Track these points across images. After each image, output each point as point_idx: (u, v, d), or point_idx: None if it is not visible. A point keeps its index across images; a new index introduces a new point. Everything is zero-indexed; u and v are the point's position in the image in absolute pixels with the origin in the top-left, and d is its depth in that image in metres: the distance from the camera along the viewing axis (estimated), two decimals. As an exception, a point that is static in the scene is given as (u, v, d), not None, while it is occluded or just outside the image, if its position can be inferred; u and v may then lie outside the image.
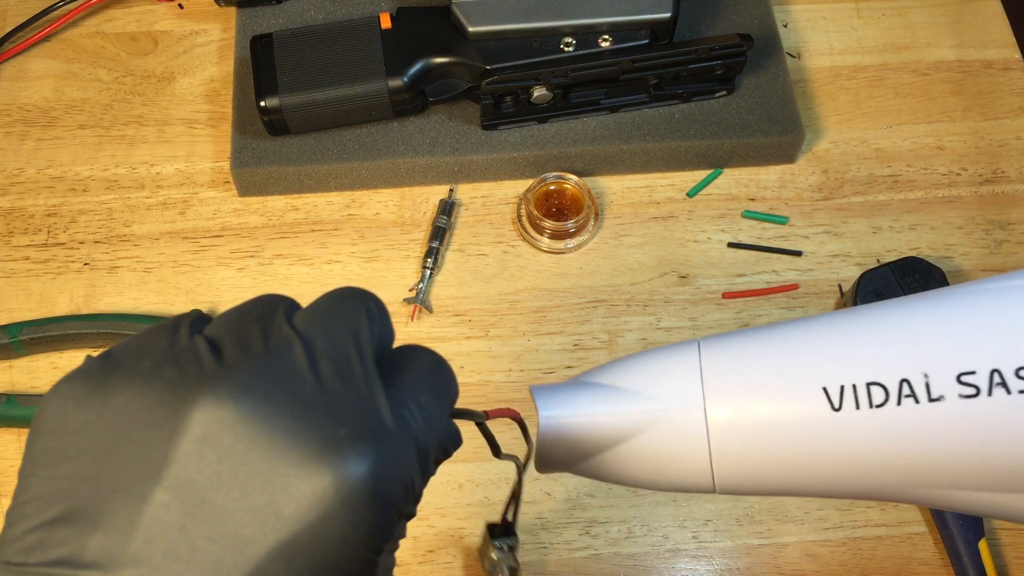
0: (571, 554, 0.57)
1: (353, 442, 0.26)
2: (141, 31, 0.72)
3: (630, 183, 0.68)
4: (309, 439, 0.25)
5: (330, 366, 0.27)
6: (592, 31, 0.63)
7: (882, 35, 0.74)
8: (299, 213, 0.66)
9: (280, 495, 0.25)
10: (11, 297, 0.63)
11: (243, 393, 0.26)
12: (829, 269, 0.65)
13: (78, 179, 0.67)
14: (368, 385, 0.28)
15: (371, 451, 0.26)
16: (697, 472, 0.33)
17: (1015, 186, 0.68)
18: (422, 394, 0.29)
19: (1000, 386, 0.29)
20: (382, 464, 0.26)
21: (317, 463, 0.25)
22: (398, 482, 0.27)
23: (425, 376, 0.30)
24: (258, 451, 0.25)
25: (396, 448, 0.27)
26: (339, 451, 0.25)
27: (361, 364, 0.28)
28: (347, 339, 0.28)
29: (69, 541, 0.25)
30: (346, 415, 0.26)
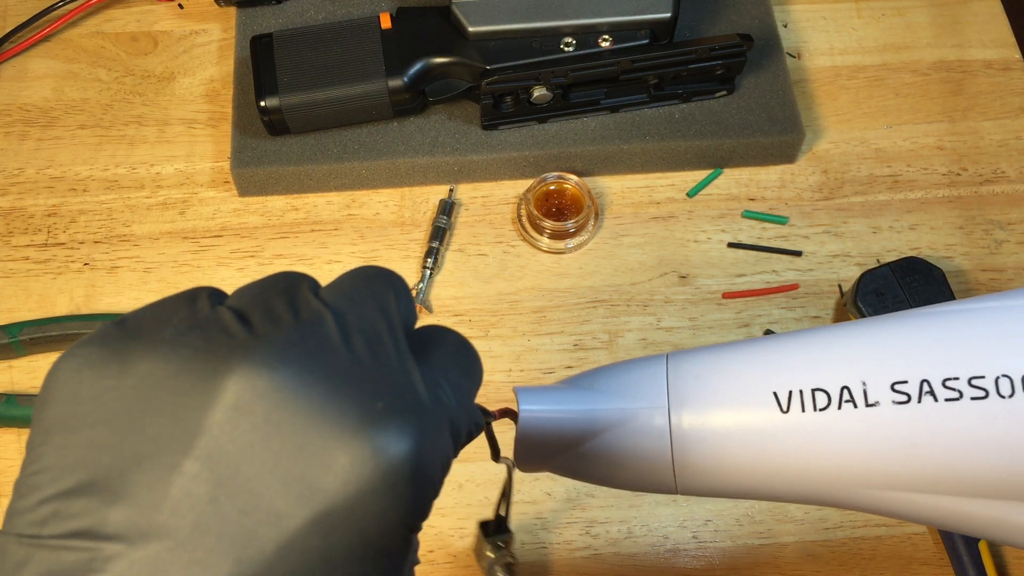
0: (571, 554, 0.57)
1: (393, 416, 0.25)
2: (141, 31, 0.72)
3: (630, 183, 0.68)
4: (348, 411, 0.25)
5: (362, 340, 0.26)
6: (592, 31, 0.63)
7: (882, 35, 0.74)
8: (299, 213, 0.66)
9: (317, 467, 0.24)
10: (11, 297, 0.63)
11: (279, 362, 0.25)
12: (829, 269, 0.65)
13: (78, 179, 0.67)
14: (401, 361, 0.27)
15: (412, 427, 0.25)
16: (660, 471, 0.36)
17: (1015, 186, 0.68)
18: (453, 372, 0.29)
19: (929, 394, 0.33)
20: (422, 441, 0.25)
21: (356, 436, 0.24)
22: (436, 460, 0.26)
23: (454, 355, 0.30)
24: (294, 422, 0.24)
25: (433, 425, 0.26)
26: (379, 425, 0.25)
27: (392, 339, 0.27)
28: (376, 314, 0.27)
29: (89, 512, 0.24)
30: (383, 389, 0.26)
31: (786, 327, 0.63)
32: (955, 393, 0.32)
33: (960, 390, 0.32)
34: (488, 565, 0.50)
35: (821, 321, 0.63)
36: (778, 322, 0.63)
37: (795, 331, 0.38)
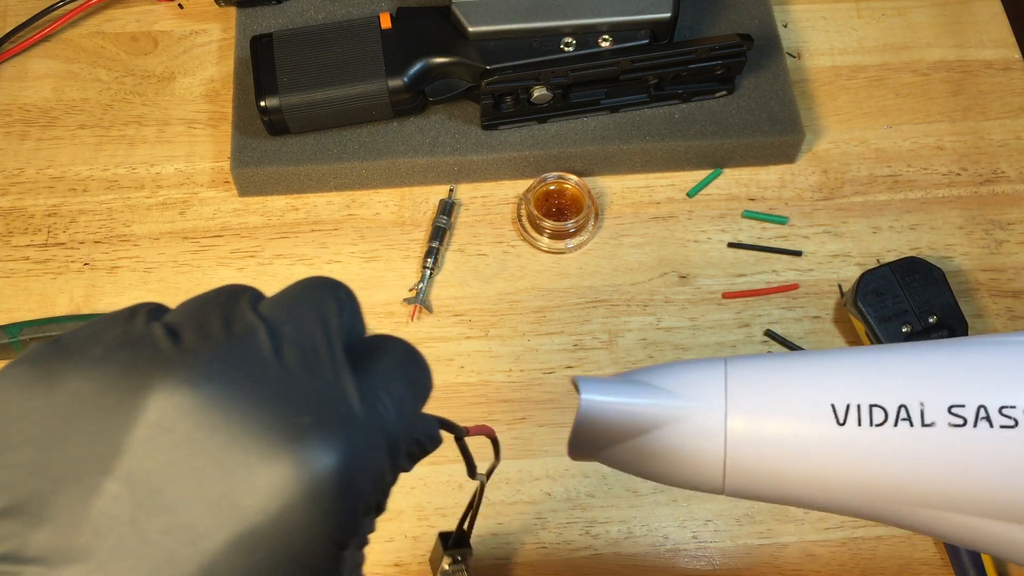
0: (571, 554, 0.57)
1: (318, 430, 0.25)
2: (141, 31, 0.72)
3: (630, 183, 0.68)
4: (271, 427, 0.24)
5: (296, 353, 0.26)
6: (592, 31, 0.63)
7: (882, 35, 0.74)
8: (299, 213, 0.66)
9: (239, 485, 0.24)
10: (11, 297, 0.63)
11: (202, 378, 0.24)
12: (829, 269, 0.65)
13: (78, 179, 0.67)
14: (336, 372, 0.26)
15: (338, 440, 0.25)
16: (711, 471, 0.37)
17: (1015, 186, 0.68)
18: (394, 383, 0.28)
19: (984, 420, 0.33)
20: (350, 454, 0.25)
21: (280, 452, 0.24)
22: (366, 474, 0.26)
23: (398, 365, 0.29)
24: (217, 439, 0.24)
25: (365, 438, 0.26)
26: (303, 439, 0.24)
27: (329, 351, 0.27)
28: (315, 326, 0.27)
29: (12, 536, 0.23)
30: (312, 403, 0.25)
31: (786, 327, 0.63)
32: (1011, 421, 0.33)
33: (1016, 418, 0.33)
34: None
35: (821, 321, 0.63)
36: (778, 322, 0.63)
37: (856, 347, 0.39)
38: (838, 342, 0.63)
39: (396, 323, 0.63)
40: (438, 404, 0.60)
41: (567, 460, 0.59)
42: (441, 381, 0.61)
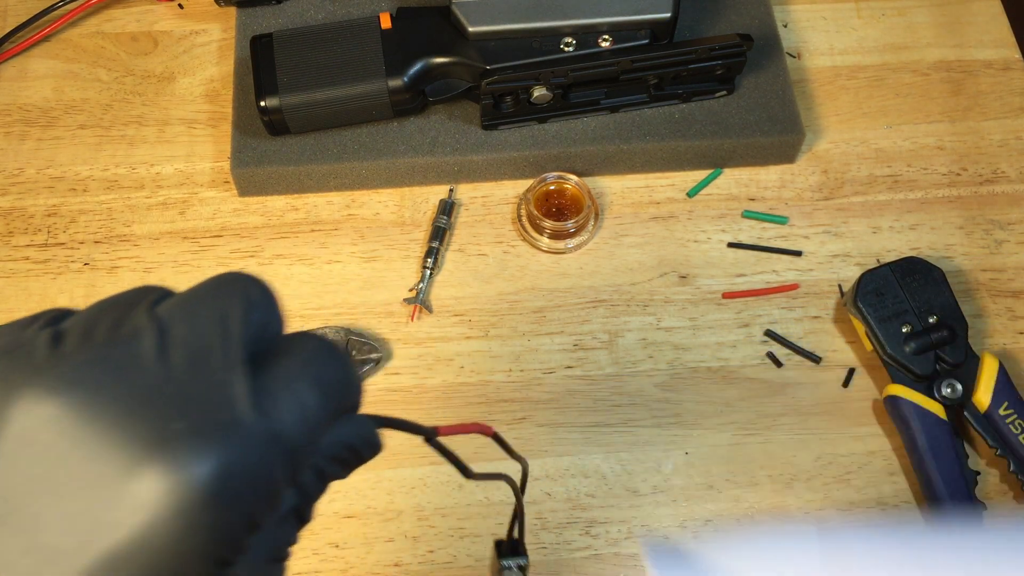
0: (571, 554, 0.57)
1: (190, 437, 0.23)
2: (141, 31, 0.72)
3: (630, 183, 0.68)
4: (139, 435, 0.23)
5: (184, 354, 0.24)
6: (592, 31, 0.63)
7: (882, 35, 0.74)
8: (299, 213, 0.66)
9: (101, 500, 0.22)
10: (11, 297, 0.63)
11: (67, 385, 0.23)
12: (829, 269, 0.65)
13: (78, 179, 0.67)
14: (227, 374, 0.24)
15: (212, 447, 0.23)
16: None
17: (1015, 186, 0.68)
18: (297, 383, 0.26)
19: None
20: (227, 462, 0.23)
21: (145, 462, 0.22)
22: (247, 482, 0.24)
23: (305, 364, 0.27)
24: (81, 450, 0.22)
25: (250, 444, 0.24)
26: (171, 447, 0.23)
27: (224, 352, 0.25)
28: (213, 326, 0.25)
29: None
30: (190, 407, 0.23)
31: (786, 327, 0.63)
32: None
33: None
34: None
35: (821, 321, 0.63)
36: (778, 322, 0.63)
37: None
38: (838, 342, 0.63)
39: (396, 323, 0.63)
40: (438, 404, 0.60)
41: (567, 460, 0.59)
42: (441, 381, 0.61)
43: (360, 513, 0.57)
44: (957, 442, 0.58)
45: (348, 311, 0.63)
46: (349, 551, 0.56)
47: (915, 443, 0.58)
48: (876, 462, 0.60)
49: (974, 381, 0.59)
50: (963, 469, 0.57)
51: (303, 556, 0.56)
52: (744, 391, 0.61)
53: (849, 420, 0.61)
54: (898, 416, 0.59)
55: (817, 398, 0.61)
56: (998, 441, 0.58)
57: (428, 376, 0.61)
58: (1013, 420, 0.58)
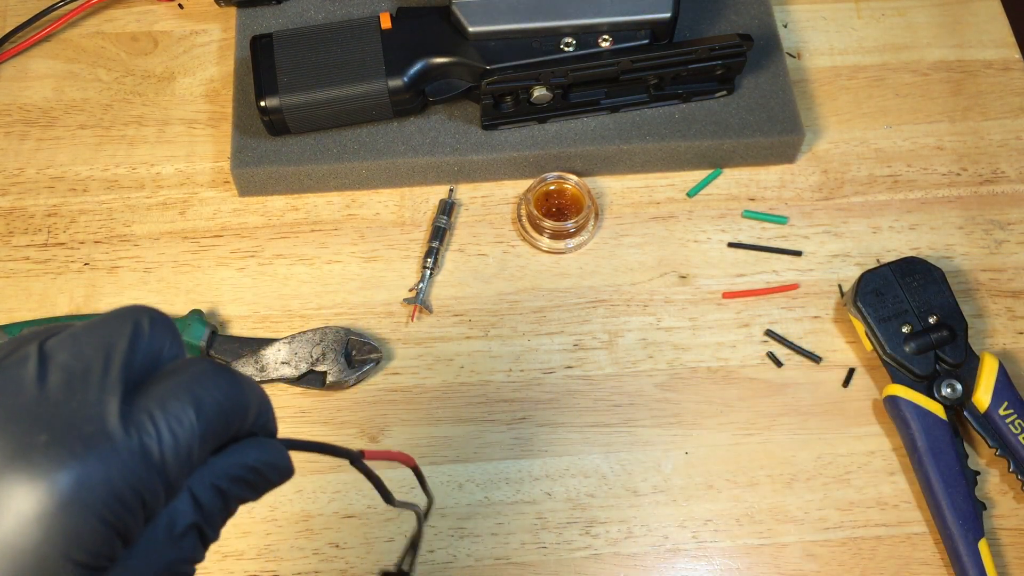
0: (571, 554, 0.57)
1: (50, 448, 0.25)
2: (141, 31, 0.72)
3: (630, 183, 0.68)
4: (3, 449, 0.25)
5: (62, 377, 0.26)
6: (592, 31, 0.63)
7: (882, 35, 0.74)
8: (299, 213, 0.66)
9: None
10: (11, 297, 0.63)
11: None
12: (829, 269, 0.65)
13: (78, 179, 0.67)
14: (100, 392, 0.26)
15: (70, 457, 0.25)
16: None
17: (1015, 186, 0.68)
18: (173, 400, 0.27)
19: None
20: (84, 471, 0.25)
21: (6, 472, 0.24)
22: (109, 491, 0.25)
23: (185, 384, 0.28)
24: None
25: (111, 455, 0.25)
26: (31, 458, 0.25)
27: (103, 375, 0.27)
28: (96, 352, 0.27)
29: None
30: (57, 423, 0.25)
31: (786, 327, 0.63)
32: None
33: None
34: None
35: (821, 321, 0.63)
36: (778, 322, 0.63)
37: None
38: (838, 342, 0.63)
39: (396, 323, 0.63)
40: (438, 404, 0.60)
41: (567, 460, 0.59)
42: (441, 381, 0.61)
43: (360, 513, 0.57)
44: (957, 442, 0.58)
45: (348, 311, 0.63)
46: (349, 551, 0.56)
47: (915, 443, 0.58)
48: (876, 462, 0.60)
49: (974, 381, 0.59)
50: (963, 469, 0.57)
51: (303, 556, 0.56)
52: (744, 391, 0.61)
53: (849, 420, 0.61)
54: (898, 416, 0.59)
55: (817, 398, 0.61)
56: (998, 441, 0.58)
57: (428, 376, 0.61)
58: (1013, 420, 0.58)
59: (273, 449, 0.31)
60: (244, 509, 0.57)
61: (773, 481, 0.59)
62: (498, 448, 0.59)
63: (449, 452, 0.59)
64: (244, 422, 0.30)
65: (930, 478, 0.57)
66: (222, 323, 0.62)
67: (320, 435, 0.59)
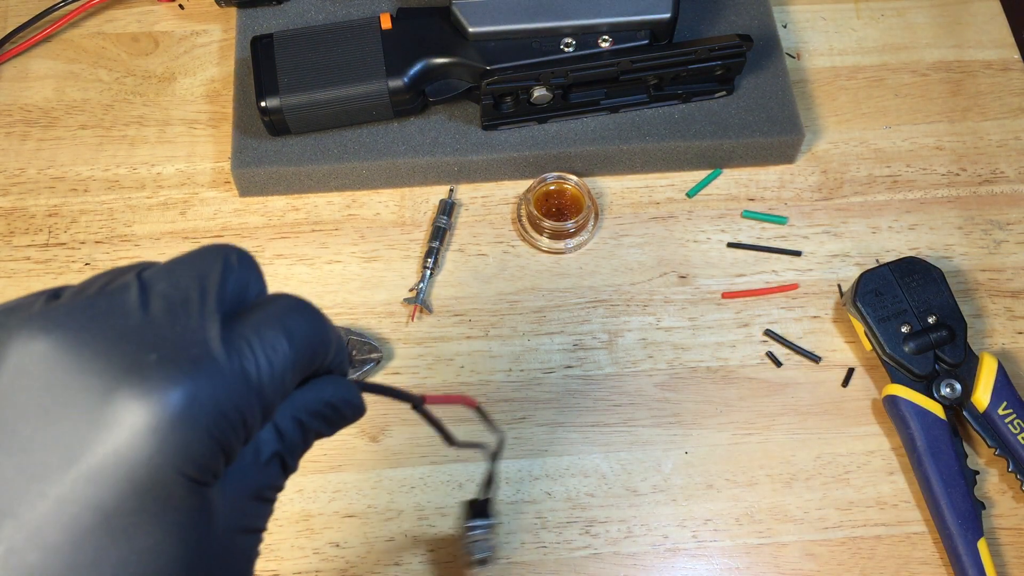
0: (571, 554, 0.57)
1: (163, 366, 0.26)
2: (142, 31, 0.73)
3: (630, 183, 0.68)
4: (117, 365, 0.26)
5: (163, 304, 0.28)
6: (592, 31, 0.63)
7: (882, 35, 0.74)
8: (299, 213, 0.66)
9: (82, 420, 0.25)
10: (12, 297, 0.63)
11: (55, 326, 0.26)
12: (828, 269, 0.65)
13: (79, 179, 0.67)
14: (202, 319, 0.28)
15: (182, 375, 0.26)
16: None
17: (1014, 186, 0.68)
18: (268, 330, 0.29)
19: None
20: (195, 389, 0.26)
21: (121, 386, 0.25)
22: (216, 409, 0.26)
23: (276, 315, 0.29)
24: (66, 378, 0.26)
25: (216, 376, 0.27)
26: (145, 375, 0.26)
27: (201, 303, 0.28)
28: (191, 282, 0.28)
29: None
30: (165, 345, 0.26)
31: (785, 327, 0.63)
32: None
33: None
34: (468, 545, 0.52)
35: (820, 321, 0.64)
36: (778, 322, 0.63)
37: None
38: (837, 342, 0.63)
39: (396, 323, 0.63)
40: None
41: (567, 459, 0.59)
42: (441, 381, 0.61)
43: (361, 512, 0.58)
44: (956, 442, 0.58)
45: (348, 311, 0.63)
46: (350, 550, 0.57)
47: (914, 443, 0.58)
48: (875, 461, 0.60)
49: (973, 381, 0.59)
50: (962, 468, 0.57)
51: (303, 555, 0.56)
52: (743, 391, 0.61)
53: (848, 420, 0.61)
54: (897, 416, 0.59)
55: (816, 398, 0.61)
56: (997, 441, 0.58)
57: (428, 376, 0.61)
58: (1012, 420, 0.58)
59: (348, 387, 0.32)
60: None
61: (773, 481, 0.59)
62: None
63: (449, 452, 0.59)
64: (326, 357, 0.31)
65: (929, 478, 0.57)
66: (223, 323, 0.62)
67: (320, 435, 0.59)
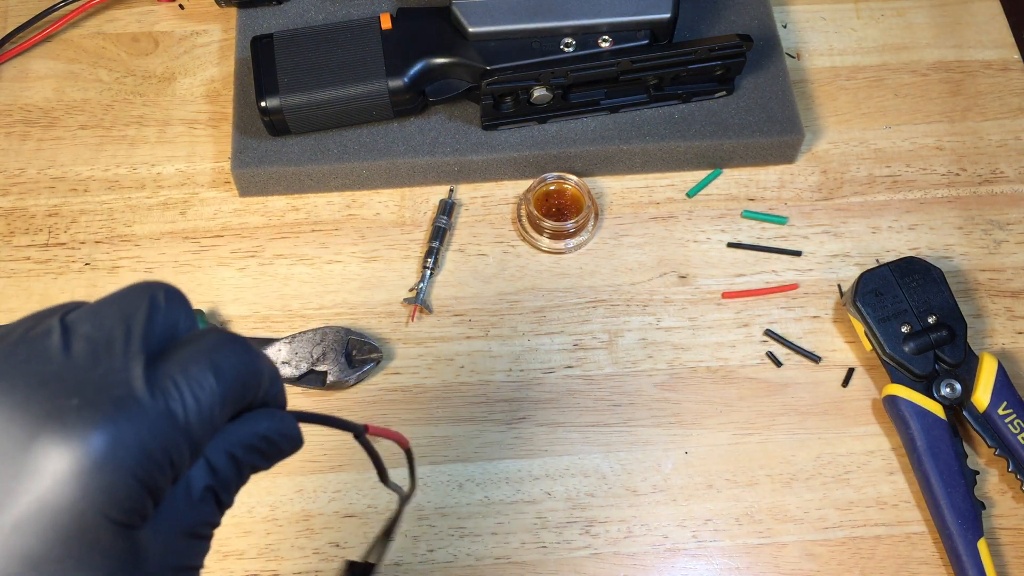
0: (571, 553, 0.57)
1: (83, 410, 0.26)
2: (142, 31, 0.73)
3: (630, 183, 0.68)
4: (37, 412, 0.26)
5: (86, 347, 0.28)
6: (592, 31, 0.63)
7: (881, 35, 0.74)
8: (299, 213, 0.66)
9: (5, 471, 0.25)
10: (12, 297, 0.63)
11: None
12: (828, 269, 0.65)
13: (79, 179, 0.67)
14: (125, 360, 0.27)
15: (102, 418, 0.26)
16: None
17: (1014, 186, 0.69)
18: (194, 366, 0.29)
19: None
20: (117, 431, 0.26)
21: (42, 434, 0.25)
22: (141, 450, 0.26)
23: (204, 350, 0.29)
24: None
25: (140, 416, 0.27)
26: (65, 420, 0.26)
27: (124, 343, 0.28)
28: (116, 323, 0.28)
29: None
30: (87, 388, 0.26)
31: (786, 327, 0.63)
32: None
33: None
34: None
35: (820, 321, 0.64)
36: (778, 322, 0.63)
37: None
38: (837, 342, 0.63)
39: (396, 323, 0.63)
40: (438, 403, 0.60)
41: (567, 460, 0.59)
42: (441, 381, 0.61)
43: (361, 512, 0.58)
44: (956, 442, 0.58)
45: (348, 311, 0.63)
46: (350, 550, 0.57)
47: (914, 442, 0.58)
48: (875, 461, 0.60)
49: (973, 381, 0.59)
50: (962, 468, 0.57)
51: (303, 555, 0.56)
52: (743, 391, 0.61)
53: (848, 420, 0.61)
54: (897, 416, 0.59)
55: (816, 398, 0.61)
56: (997, 441, 0.58)
57: (428, 376, 0.61)
58: (1012, 420, 0.58)
59: (284, 419, 0.32)
60: (245, 508, 0.57)
61: (772, 481, 0.59)
62: (498, 448, 0.59)
63: (449, 452, 0.59)
64: (258, 390, 0.31)
65: (929, 478, 0.57)
66: (223, 323, 0.62)
67: (320, 434, 0.59)
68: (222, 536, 0.56)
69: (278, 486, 0.58)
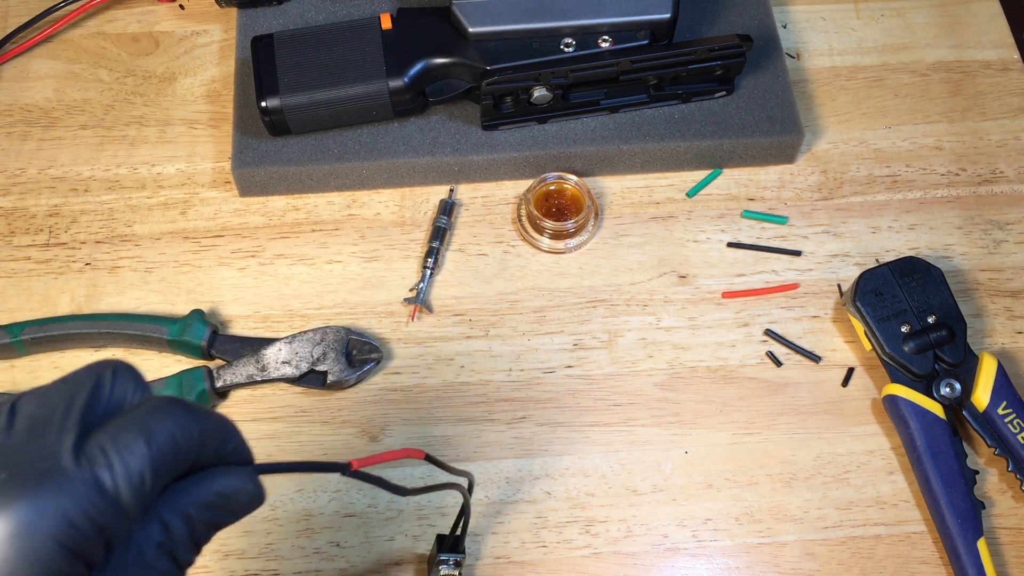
0: (571, 553, 0.57)
1: (10, 482, 0.28)
2: (142, 32, 0.73)
3: (630, 183, 0.68)
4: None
5: (27, 424, 0.29)
6: (592, 32, 0.63)
7: (881, 36, 0.74)
8: (300, 213, 0.66)
9: None
10: (12, 297, 0.63)
11: None
12: (828, 269, 0.65)
13: (79, 179, 0.67)
14: (59, 434, 0.29)
15: (25, 490, 0.28)
16: None
17: (1014, 186, 0.69)
18: (125, 433, 0.30)
19: None
20: (38, 501, 0.28)
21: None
22: (63, 519, 0.28)
23: (137, 417, 0.31)
24: None
25: (64, 486, 0.28)
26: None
27: (63, 419, 0.30)
28: (60, 401, 0.30)
29: None
30: (16, 463, 0.28)
31: (785, 327, 0.63)
32: None
33: None
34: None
35: (820, 321, 0.64)
36: (777, 322, 0.63)
37: None
38: (837, 342, 0.63)
39: (396, 323, 0.63)
40: (439, 403, 0.60)
41: (567, 459, 0.59)
42: (441, 381, 0.61)
43: (361, 512, 0.58)
44: (956, 441, 0.58)
45: (349, 311, 0.63)
46: (350, 550, 0.57)
47: (914, 442, 0.58)
48: (875, 461, 0.60)
49: (973, 381, 0.59)
50: (962, 468, 0.57)
51: (303, 555, 0.56)
52: (743, 390, 0.61)
53: (848, 419, 0.61)
54: (897, 415, 0.59)
55: (816, 397, 0.61)
56: (996, 440, 0.58)
57: (428, 376, 0.61)
58: (1012, 419, 0.58)
59: (238, 476, 0.33)
60: (245, 508, 0.57)
61: (772, 480, 0.59)
62: (498, 448, 0.60)
63: (449, 452, 0.59)
64: (203, 450, 0.32)
65: (929, 477, 0.57)
66: (223, 323, 0.62)
67: (320, 435, 0.59)
68: (223, 536, 0.56)
69: (278, 486, 0.58)
